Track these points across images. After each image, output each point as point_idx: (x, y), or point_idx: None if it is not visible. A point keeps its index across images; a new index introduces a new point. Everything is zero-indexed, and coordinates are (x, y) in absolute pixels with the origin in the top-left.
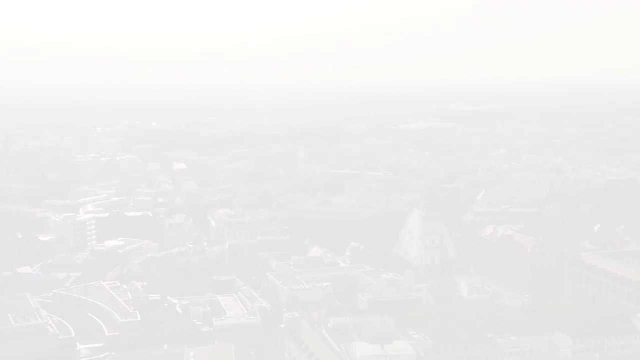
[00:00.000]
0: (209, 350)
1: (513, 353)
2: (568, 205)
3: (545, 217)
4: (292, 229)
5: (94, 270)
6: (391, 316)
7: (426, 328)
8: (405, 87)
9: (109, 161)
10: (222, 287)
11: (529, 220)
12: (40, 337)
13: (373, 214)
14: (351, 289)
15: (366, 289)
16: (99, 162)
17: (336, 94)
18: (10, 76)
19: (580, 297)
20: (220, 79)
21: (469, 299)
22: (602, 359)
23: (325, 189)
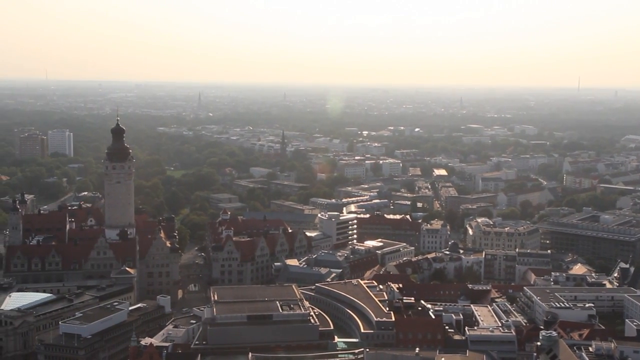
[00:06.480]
0: (460, 359)
1: None
2: None
3: None
4: (553, 243)
5: (353, 268)
6: None
7: None
8: None
9: (372, 164)
10: (476, 296)
11: None
12: (302, 326)
13: None
14: (617, 314)
15: (635, 316)
16: (363, 165)
17: (611, 103)
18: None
19: None
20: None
21: None
22: None
23: (593, 204)
